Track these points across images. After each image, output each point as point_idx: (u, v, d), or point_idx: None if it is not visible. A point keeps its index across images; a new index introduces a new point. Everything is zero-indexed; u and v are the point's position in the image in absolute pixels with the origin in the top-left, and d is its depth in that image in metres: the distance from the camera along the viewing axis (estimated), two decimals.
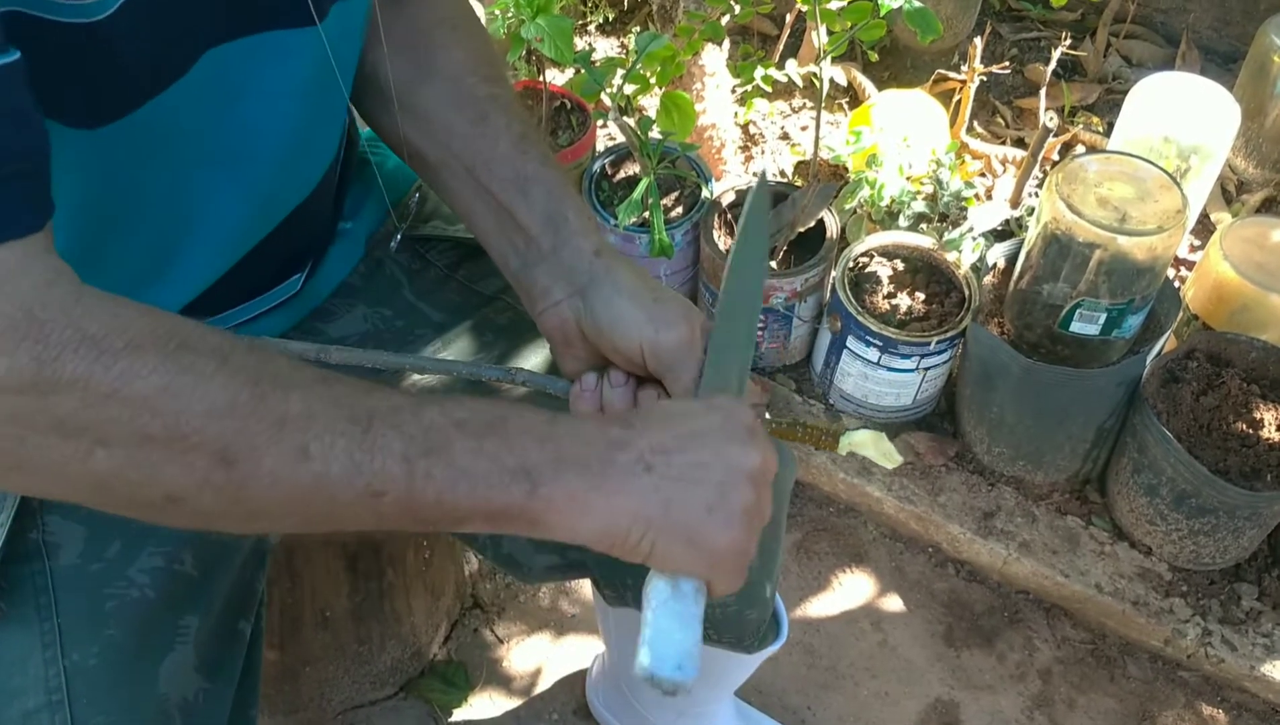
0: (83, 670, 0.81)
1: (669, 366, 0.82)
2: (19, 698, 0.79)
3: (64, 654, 0.80)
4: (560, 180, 0.89)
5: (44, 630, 0.81)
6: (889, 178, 1.81)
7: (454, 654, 1.61)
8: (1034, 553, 1.65)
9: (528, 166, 0.88)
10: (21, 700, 0.79)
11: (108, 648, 0.82)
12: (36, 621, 0.81)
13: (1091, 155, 1.50)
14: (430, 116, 0.91)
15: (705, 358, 0.82)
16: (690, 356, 0.81)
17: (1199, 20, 2.32)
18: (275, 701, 1.45)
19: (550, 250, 0.86)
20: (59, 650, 0.80)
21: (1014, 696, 1.61)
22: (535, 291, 0.87)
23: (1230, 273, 1.60)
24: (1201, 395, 1.54)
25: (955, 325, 1.63)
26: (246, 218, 0.88)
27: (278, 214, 0.90)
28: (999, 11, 2.42)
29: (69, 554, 0.82)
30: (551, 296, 0.86)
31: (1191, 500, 1.51)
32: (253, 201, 0.87)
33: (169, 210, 0.82)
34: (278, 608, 1.31)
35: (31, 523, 0.82)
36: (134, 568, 0.84)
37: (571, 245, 0.86)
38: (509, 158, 0.88)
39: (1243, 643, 1.56)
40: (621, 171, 1.82)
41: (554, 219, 0.87)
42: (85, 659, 0.81)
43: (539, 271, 0.87)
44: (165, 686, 0.84)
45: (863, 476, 1.73)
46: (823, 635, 1.67)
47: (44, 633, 0.81)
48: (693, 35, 1.66)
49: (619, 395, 0.85)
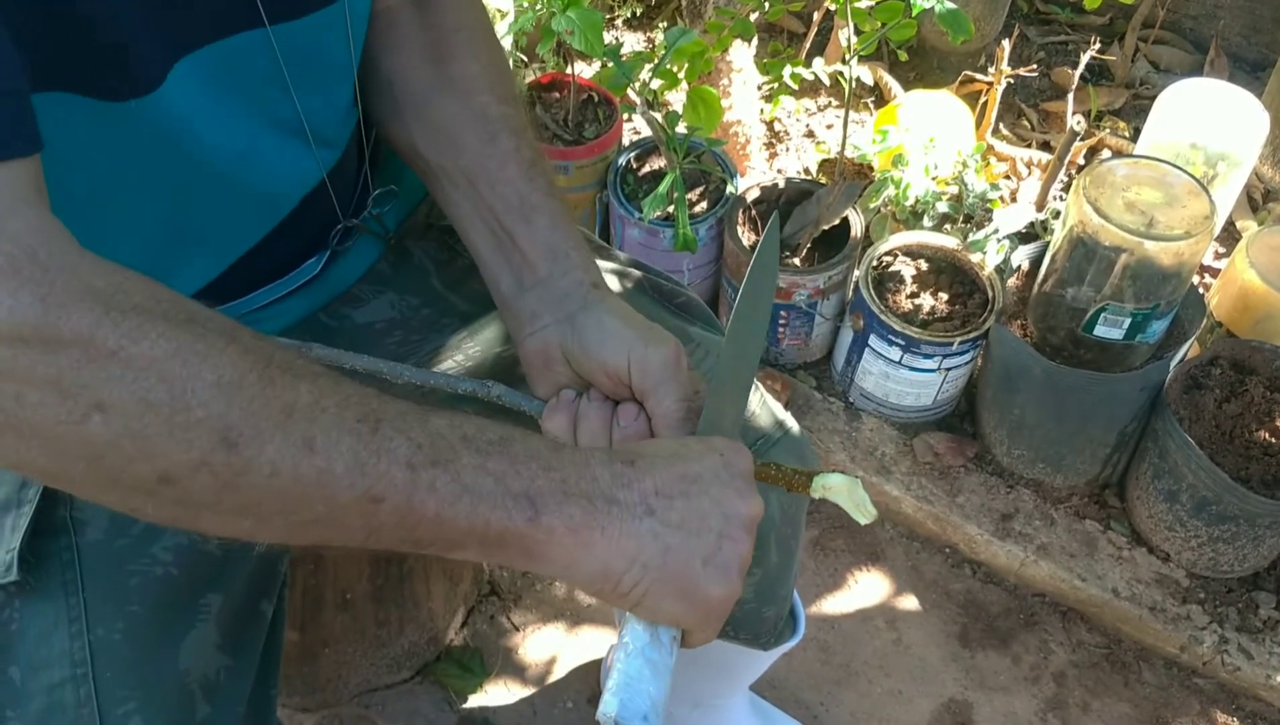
0: (107, 645, 0.81)
1: (654, 384, 0.80)
2: (44, 670, 0.80)
3: (89, 629, 0.81)
4: (563, 213, 0.88)
5: (70, 605, 0.81)
6: (914, 178, 1.81)
7: (470, 640, 1.62)
8: (1051, 556, 1.65)
9: (534, 195, 0.87)
10: (47, 673, 0.80)
11: (131, 624, 0.83)
12: (63, 596, 0.82)
13: (1119, 159, 1.50)
14: (441, 128, 0.90)
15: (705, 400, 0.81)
16: (675, 377, 0.81)
17: (1228, 27, 2.31)
18: (294, 682, 1.46)
19: (547, 277, 0.86)
20: (84, 625, 0.81)
21: (1028, 699, 1.61)
22: (524, 316, 0.86)
23: (1256, 280, 1.60)
24: (1224, 402, 1.54)
25: (978, 326, 1.63)
26: (250, 211, 0.87)
27: (283, 208, 0.89)
28: (1027, 14, 2.41)
29: (95, 530, 0.83)
30: (540, 321, 0.85)
31: (1212, 507, 1.50)
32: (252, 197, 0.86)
33: (179, 197, 0.81)
34: (300, 589, 1.32)
35: (59, 499, 0.82)
36: (158, 545, 0.84)
37: (570, 277, 0.86)
38: (515, 182, 0.88)
39: (1259, 651, 1.56)
40: (647, 165, 1.83)
41: (556, 250, 0.86)
42: (110, 634, 0.82)
43: (532, 296, 0.86)
44: (186, 663, 0.85)
45: (881, 475, 1.73)
46: (837, 632, 1.67)
47: (70, 607, 0.81)
48: (722, 31, 1.66)
49: (595, 410, 0.83)
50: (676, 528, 0.69)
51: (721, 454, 0.74)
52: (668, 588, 0.69)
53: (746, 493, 0.72)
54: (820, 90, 2.26)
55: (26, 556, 0.80)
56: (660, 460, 0.72)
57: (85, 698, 0.81)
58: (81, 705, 0.80)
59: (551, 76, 1.90)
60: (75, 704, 0.80)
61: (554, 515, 0.66)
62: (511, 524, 0.65)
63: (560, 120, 1.84)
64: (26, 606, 0.81)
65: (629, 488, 0.69)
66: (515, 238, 0.87)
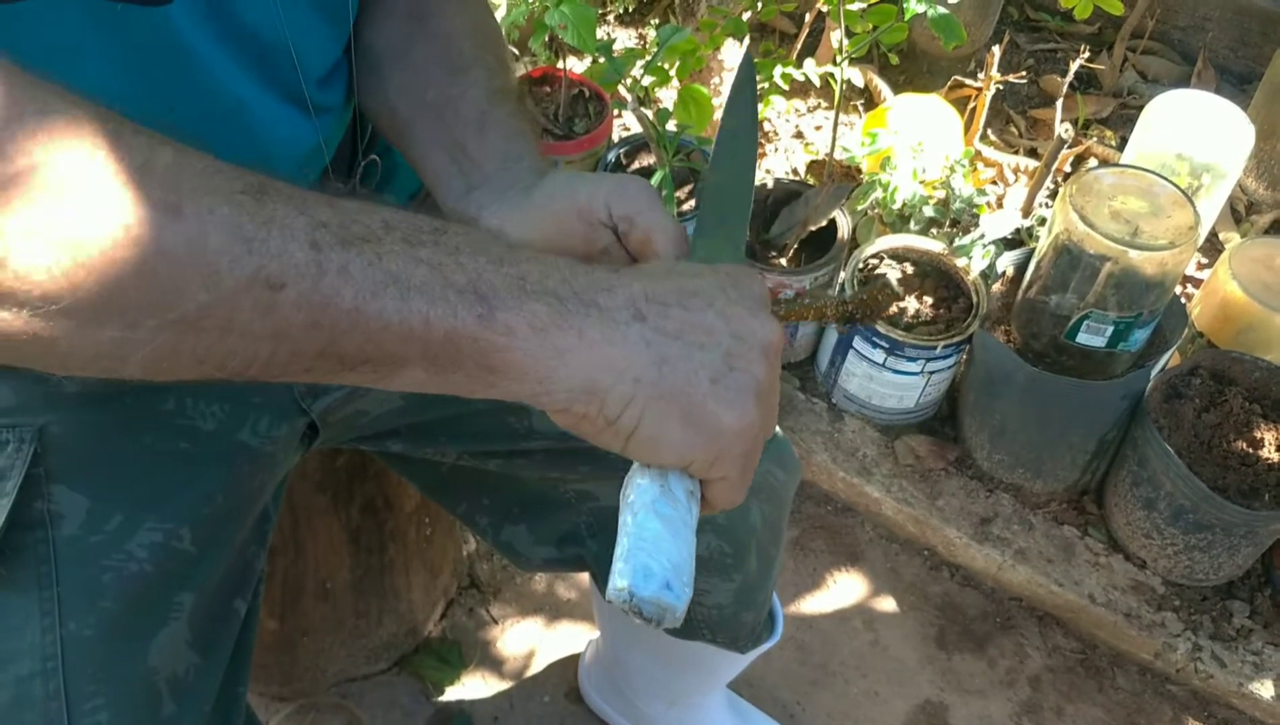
0: (78, 640, 0.80)
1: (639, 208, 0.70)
2: (13, 663, 0.79)
3: (61, 623, 0.80)
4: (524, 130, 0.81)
5: (43, 598, 0.80)
6: (902, 181, 1.81)
7: (449, 632, 1.62)
8: (1029, 560, 1.66)
9: (495, 112, 0.81)
10: (16, 666, 0.79)
11: (103, 619, 0.81)
12: (36, 589, 0.80)
13: (1106, 168, 1.51)
14: (415, 71, 0.86)
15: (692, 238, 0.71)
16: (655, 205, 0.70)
17: (1217, 39, 2.33)
18: (271, 671, 1.46)
19: (494, 173, 0.79)
20: (57, 619, 0.80)
21: (1003, 702, 1.62)
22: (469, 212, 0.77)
23: (1238, 292, 1.61)
24: (1204, 412, 1.55)
25: (962, 331, 1.64)
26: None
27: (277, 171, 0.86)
28: (1017, 21, 2.42)
29: (71, 524, 0.82)
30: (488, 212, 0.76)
31: (1189, 516, 1.52)
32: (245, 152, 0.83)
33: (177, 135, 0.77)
34: (280, 578, 1.32)
35: (37, 492, 0.81)
36: (133, 542, 0.83)
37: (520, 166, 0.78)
38: (477, 102, 0.82)
39: (1232, 659, 1.58)
40: (636, 162, 1.83)
41: (508, 155, 0.79)
42: (81, 629, 0.81)
43: (478, 192, 0.78)
44: (155, 661, 0.84)
45: (862, 476, 1.74)
46: (815, 632, 1.68)
47: (43, 601, 0.80)
48: (715, 30, 1.66)
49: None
50: (674, 338, 0.57)
51: (726, 273, 0.62)
52: (669, 409, 0.56)
53: (760, 313, 0.60)
54: (810, 91, 2.27)
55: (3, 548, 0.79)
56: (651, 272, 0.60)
57: (54, 692, 0.80)
58: (50, 699, 0.79)
59: (543, 71, 1.90)
60: (44, 697, 0.79)
61: (512, 312, 0.54)
62: (459, 323, 0.53)
63: (551, 115, 1.84)
64: None
65: (611, 292, 0.57)
66: (466, 147, 0.79)
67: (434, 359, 0.54)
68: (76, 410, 0.82)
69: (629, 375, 0.56)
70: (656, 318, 0.57)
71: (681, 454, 0.58)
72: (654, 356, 0.56)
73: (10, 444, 0.79)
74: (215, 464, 0.88)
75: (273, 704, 1.51)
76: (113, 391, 0.84)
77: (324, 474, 1.25)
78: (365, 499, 1.31)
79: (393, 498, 1.34)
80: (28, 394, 0.81)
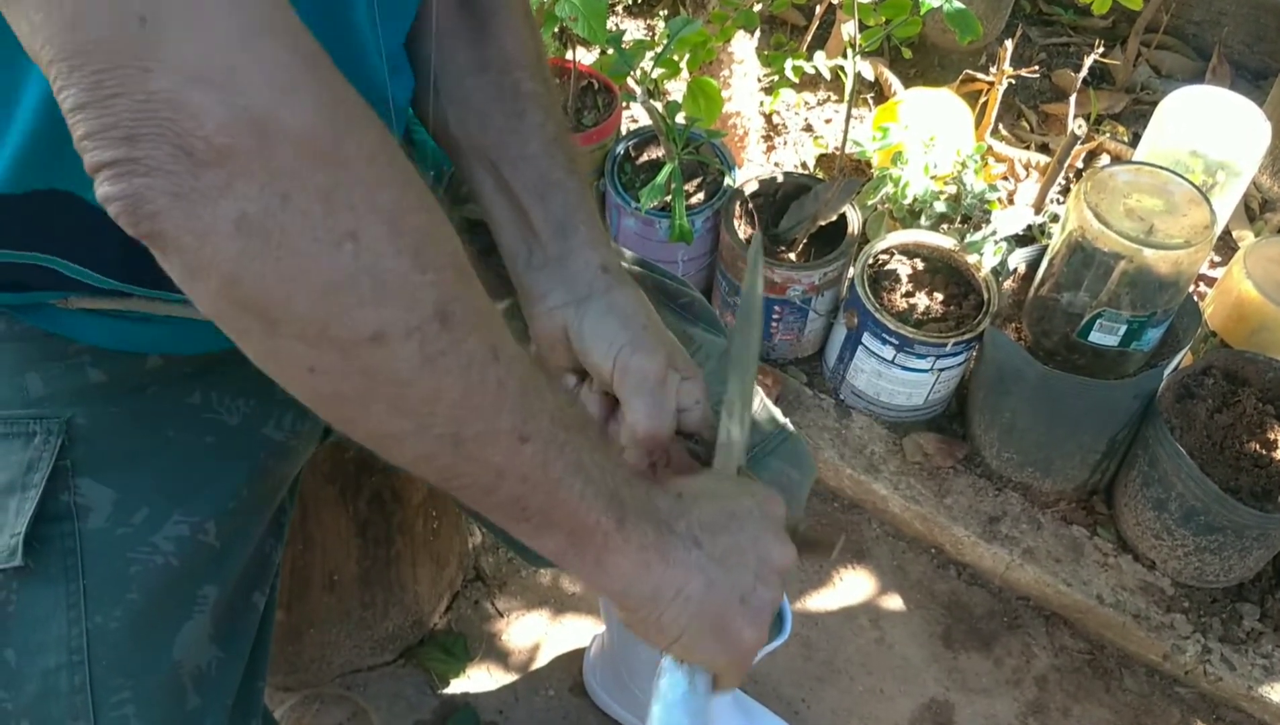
0: (104, 633, 0.81)
1: (633, 392, 0.80)
2: (39, 655, 0.80)
3: (87, 616, 0.80)
4: (580, 189, 0.88)
5: (70, 591, 0.81)
6: (913, 176, 1.80)
7: (455, 624, 1.62)
8: (1037, 560, 1.65)
9: (553, 172, 0.87)
10: (42, 658, 0.79)
11: (129, 612, 0.82)
12: (63, 582, 0.81)
13: (1121, 165, 1.49)
14: (470, 105, 0.89)
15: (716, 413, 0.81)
16: (657, 392, 0.80)
17: (1232, 35, 2.31)
18: (278, 661, 1.46)
19: (556, 257, 0.86)
20: (83, 611, 0.80)
21: (1009, 701, 1.61)
22: (534, 293, 0.86)
23: (1252, 291, 1.60)
24: (1216, 413, 1.54)
25: (973, 328, 1.63)
26: None
27: None
28: (1029, 14, 2.41)
29: (97, 517, 0.82)
30: (548, 302, 0.85)
31: (1200, 517, 1.51)
32: None
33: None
34: (288, 568, 1.31)
35: (64, 484, 0.81)
36: (159, 534, 0.84)
37: (578, 256, 0.85)
38: (536, 160, 0.87)
39: (1242, 662, 1.57)
40: (645, 155, 1.82)
41: (565, 227, 0.86)
42: (108, 622, 0.81)
43: (542, 275, 0.86)
44: (180, 654, 0.84)
45: (869, 474, 1.73)
46: (821, 629, 1.67)
47: (69, 593, 0.81)
48: (726, 22, 1.65)
49: (594, 402, 0.84)
50: (718, 563, 0.68)
51: (757, 497, 0.74)
52: (706, 624, 0.68)
53: (781, 539, 0.72)
54: (820, 84, 2.25)
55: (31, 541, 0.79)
56: (702, 496, 0.72)
57: (80, 684, 0.80)
58: (76, 692, 0.79)
59: (552, 62, 1.89)
60: (70, 690, 0.79)
61: (634, 528, 0.65)
62: (604, 521, 0.64)
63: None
64: (25, 590, 0.80)
65: (681, 518, 0.69)
66: (530, 215, 0.86)
67: (574, 536, 0.64)
68: (104, 403, 0.83)
69: (684, 593, 0.67)
70: (709, 544, 0.69)
71: (709, 660, 0.70)
72: (704, 580, 0.68)
73: (38, 436, 0.80)
74: (240, 458, 0.90)
75: (278, 694, 1.51)
76: (138, 384, 0.85)
77: (333, 466, 1.25)
78: (373, 491, 1.30)
79: (400, 490, 1.34)
80: (57, 384, 0.82)
